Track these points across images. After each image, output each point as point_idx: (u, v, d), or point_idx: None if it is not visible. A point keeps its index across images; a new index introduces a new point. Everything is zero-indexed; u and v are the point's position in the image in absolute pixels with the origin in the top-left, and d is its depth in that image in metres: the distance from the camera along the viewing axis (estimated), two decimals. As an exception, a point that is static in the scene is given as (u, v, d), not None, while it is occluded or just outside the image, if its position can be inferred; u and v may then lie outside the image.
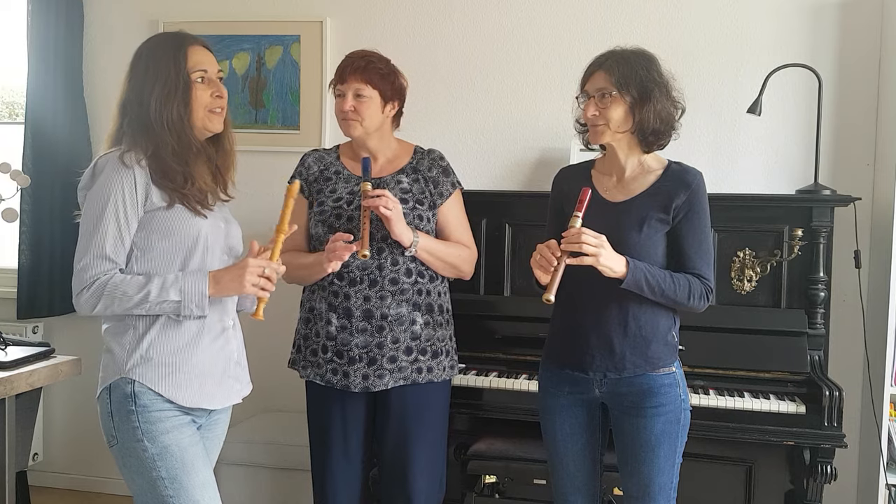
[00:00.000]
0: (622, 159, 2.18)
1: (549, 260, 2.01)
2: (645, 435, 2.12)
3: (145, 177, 1.89)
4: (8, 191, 3.17)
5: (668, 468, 2.14)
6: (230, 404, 2.06)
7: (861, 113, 3.11)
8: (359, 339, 2.37)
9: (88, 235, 1.87)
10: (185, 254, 1.93)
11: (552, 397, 2.25)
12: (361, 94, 2.38)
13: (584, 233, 2.00)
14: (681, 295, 2.09)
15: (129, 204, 1.87)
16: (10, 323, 3.62)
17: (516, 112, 3.36)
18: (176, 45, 1.97)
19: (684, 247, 2.13)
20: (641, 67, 2.12)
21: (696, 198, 2.13)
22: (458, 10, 3.40)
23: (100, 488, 3.83)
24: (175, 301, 1.86)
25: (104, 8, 3.73)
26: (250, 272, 1.91)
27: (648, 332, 2.13)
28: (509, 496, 2.89)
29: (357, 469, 2.49)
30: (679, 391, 2.17)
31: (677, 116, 2.16)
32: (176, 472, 1.88)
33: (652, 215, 2.11)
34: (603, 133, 2.13)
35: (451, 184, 2.51)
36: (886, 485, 2.87)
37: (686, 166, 2.20)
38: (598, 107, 2.11)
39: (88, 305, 1.86)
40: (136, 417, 1.87)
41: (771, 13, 3.16)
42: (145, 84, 1.92)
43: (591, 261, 2.00)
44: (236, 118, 3.61)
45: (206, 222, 1.97)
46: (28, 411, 2.86)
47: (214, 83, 2.00)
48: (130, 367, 1.88)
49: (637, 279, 2.04)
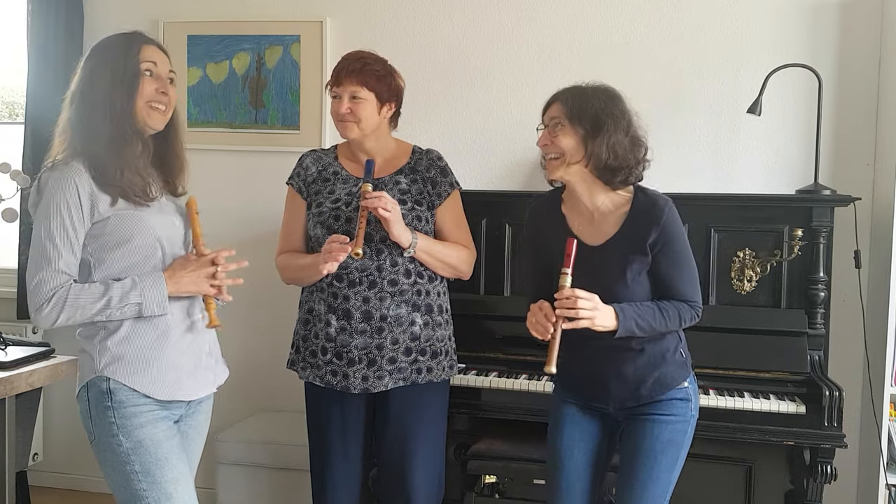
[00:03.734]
0: (584, 197, 2.15)
1: (545, 327, 2.03)
2: (650, 440, 2.13)
3: (89, 185, 1.90)
4: (8, 191, 3.17)
5: (665, 479, 2.15)
6: (206, 394, 2.09)
7: (861, 113, 3.11)
8: (358, 341, 2.37)
9: (40, 251, 1.88)
10: (142, 257, 1.94)
11: (565, 403, 2.26)
12: (357, 97, 2.38)
13: (579, 297, 2.00)
14: (672, 324, 2.11)
15: (75, 217, 1.88)
16: (10, 323, 3.62)
17: (516, 112, 3.36)
18: (129, 41, 1.99)
19: (666, 277, 2.13)
20: (598, 100, 2.09)
21: (668, 230, 2.09)
22: (458, 10, 3.40)
23: (100, 488, 3.82)
24: (136, 303, 1.90)
25: (104, 8, 3.73)
26: (206, 275, 1.97)
27: (658, 358, 2.15)
28: (509, 496, 2.89)
29: (356, 469, 2.49)
30: (690, 405, 2.18)
31: (640, 154, 2.12)
32: (149, 466, 1.91)
33: (631, 259, 2.10)
34: (557, 167, 2.11)
35: (449, 184, 2.51)
36: (886, 485, 2.87)
37: (653, 197, 2.14)
38: (550, 136, 2.11)
39: (50, 319, 1.89)
40: (112, 413, 1.91)
41: (771, 13, 3.15)
42: (93, 74, 1.95)
43: (587, 323, 2.02)
44: (236, 118, 3.62)
45: (160, 222, 1.98)
46: (28, 411, 2.86)
47: (162, 80, 2.00)
48: (104, 365, 1.92)
49: (629, 328, 2.05)
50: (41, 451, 3.81)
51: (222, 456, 3.24)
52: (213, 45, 3.59)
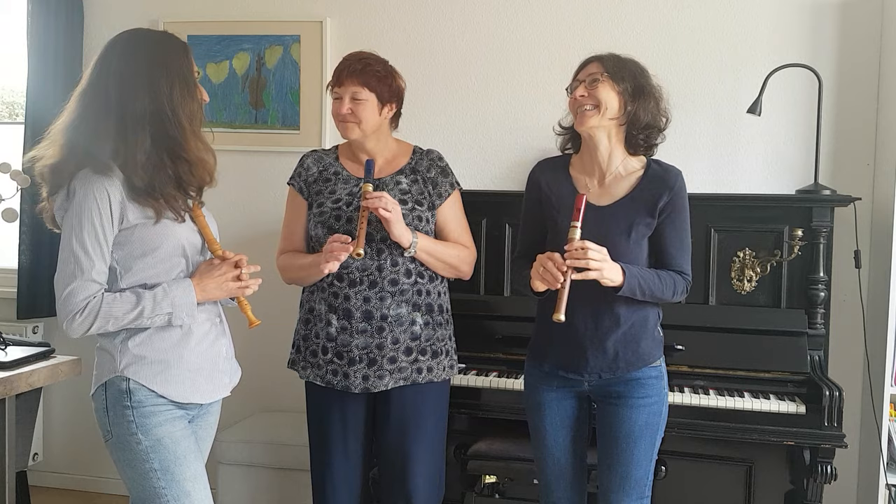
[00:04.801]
0: (602, 154, 2.18)
1: (554, 276, 2.02)
2: (628, 426, 2.15)
3: (120, 195, 1.89)
4: (8, 191, 3.17)
5: (646, 462, 2.17)
6: (220, 398, 2.11)
7: (861, 113, 3.11)
8: (359, 340, 2.37)
9: (71, 259, 1.87)
10: (169, 265, 1.95)
11: (540, 392, 2.26)
12: (358, 97, 2.38)
13: (589, 248, 2.00)
14: (666, 293, 2.14)
15: (106, 225, 1.88)
16: (10, 323, 3.62)
17: (516, 112, 3.36)
18: (183, 47, 1.99)
19: (667, 245, 2.16)
20: (635, 67, 2.16)
21: (678, 198, 2.16)
22: (457, 10, 3.40)
23: (100, 488, 3.83)
24: (167, 313, 1.91)
25: (104, 8, 3.73)
26: (231, 278, 1.99)
27: (639, 330, 2.17)
28: (509, 496, 2.89)
29: (357, 469, 2.49)
30: (663, 384, 2.21)
31: (664, 123, 2.18)
32: (168, 464, 1.92)
33: (638, 221, 2.13)
34: (590, 116, 2.12)
35: (449, 184, 2.51)
36: (886, 485, 2.87)
37: (666, 165, 2.21)
38: (588, 90, 2.12)
39: (83, 328, 1.88)
40: (130, 412, 1.91)
41: (771, 13, 3.15)
42: (160, 82, 1.90)
43: (596, 275, 2.02)
44: (236, 118, 3.62)
45: (184, 229, 1.98)
46: (28, 411, 2.86)
47: (201, 89, 2.03)
48: (125, 365, 1.92)
49: (632, 286, 2.07)
50: (41, 451, 3.81)
51: (222, 456, 3.24)
52: (213, 45, 3.58)
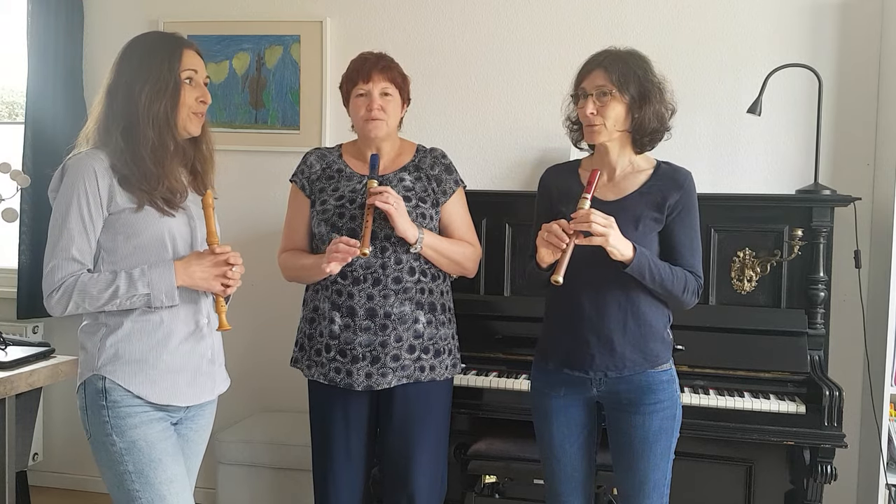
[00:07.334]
0: (613, 158, 2.19)
1: (559, 237, 2.00)
2: (643, 432, 2.13)
3: (109, 178, 1.90)
4: (8, 191, 3.17)
5: (664, 464, 2.16)
6: (202, 401, 2.07)
7: (861, 113, 3.11)
8: (362, 338, 2.37)
9: (55, 238, 1.89)
10: (151, 253, 1.94)
11: (547, 398, 2.24)
12: (387, 93, 2.38)
13: (594, 213, 2.00)
14: (677, 287, 2.11)
15: (92, 205, 1.89)
16: (10, 323, 3.61)
17: (516, 112, 3.36)
18: (172, 46, 1.99)
19: (677, 245, 2.15)
20: (639, 68, 2.13)
21: (688, 197, 2.16)
22: (457, 10, 3.40)
23: (100, 488, 3.82)
24: (144, 294, 1.89)
25: (104, 8, 3.73)
26: (219, 273, 1.96)
27: (646, 329, 2.14)
28: (509, 496, 2.89)
29: (359, 468, 2.48)
30: (675, 387, 2.19)
31: (668, 118, 2.18)
32: (142, 467, 1.90)
33: (646, 214, 2.13)
34: (600, 132, 2.13)
35: (453, 181, 2.51)
36: (886, 485, 2.87)
37: (675, 166, 2.21)
38: (597, 105, 2.11)
39: (60, 306, 1.89)
40: (106, 412, 1.90)
41: (771, 13, 3.16)
42: (137, 78, 1.93)
43: (601, 241, 1.99)
44: (236, 118, 3.62)
45: (174, 221, 1.98)
46: (28, 411, 2.86)
47: (201, 87, 2.01)
48: (101, 364, 1.92)
49: (641, 265, 2.04)
50: (41, 451, 3.81)
51: (222, 456, 3.24)
52: (213, 45, 3.58)
